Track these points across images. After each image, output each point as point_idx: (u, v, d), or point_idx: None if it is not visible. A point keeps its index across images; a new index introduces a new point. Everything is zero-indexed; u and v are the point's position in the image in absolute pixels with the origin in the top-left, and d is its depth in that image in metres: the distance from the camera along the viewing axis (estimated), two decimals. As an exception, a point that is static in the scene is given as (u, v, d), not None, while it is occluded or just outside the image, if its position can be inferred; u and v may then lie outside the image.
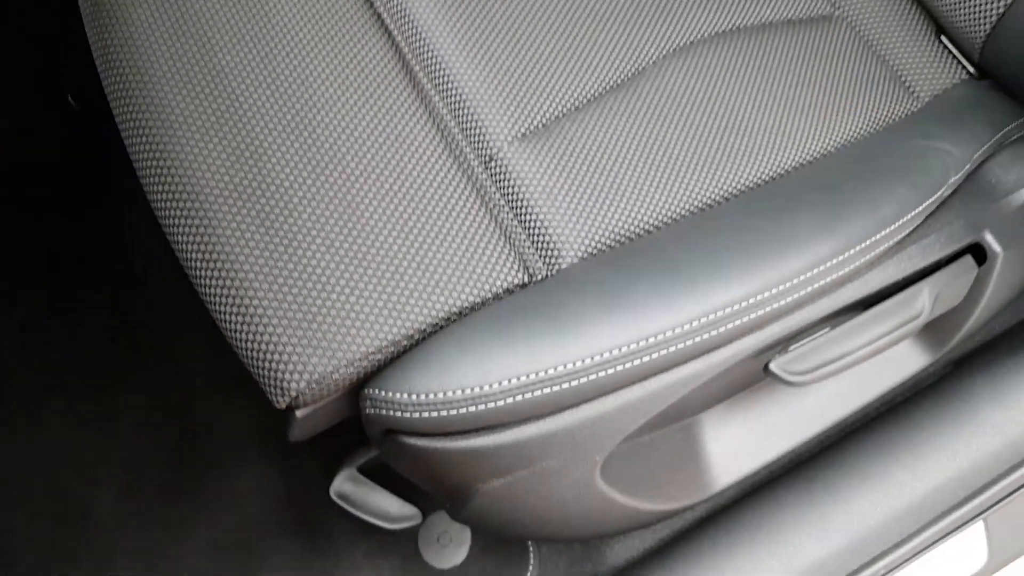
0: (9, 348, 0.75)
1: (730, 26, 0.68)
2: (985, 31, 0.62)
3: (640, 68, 0.64)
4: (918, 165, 0.55)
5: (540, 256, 0.55)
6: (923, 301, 0.54)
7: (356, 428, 0.51)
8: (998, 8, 0.60)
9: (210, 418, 0.73)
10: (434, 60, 0.60)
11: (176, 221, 0.50)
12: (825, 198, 0.52)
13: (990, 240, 0.57)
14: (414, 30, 0.61)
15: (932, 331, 0.61)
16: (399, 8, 0.62)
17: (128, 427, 0.73)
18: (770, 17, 0.70)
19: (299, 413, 0.48)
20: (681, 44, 0.65)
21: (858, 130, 0.64)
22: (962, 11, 0.63)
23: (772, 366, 0.52)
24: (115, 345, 0.76)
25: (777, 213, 0.51)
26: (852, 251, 0.50)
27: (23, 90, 0.76)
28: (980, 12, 0.61)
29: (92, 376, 0.75)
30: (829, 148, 0.63)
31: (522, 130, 0.59)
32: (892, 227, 0.51)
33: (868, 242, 0.50)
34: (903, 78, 0.68)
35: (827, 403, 0.61)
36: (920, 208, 0.53)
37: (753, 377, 0.56)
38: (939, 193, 0.55)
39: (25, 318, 0.76)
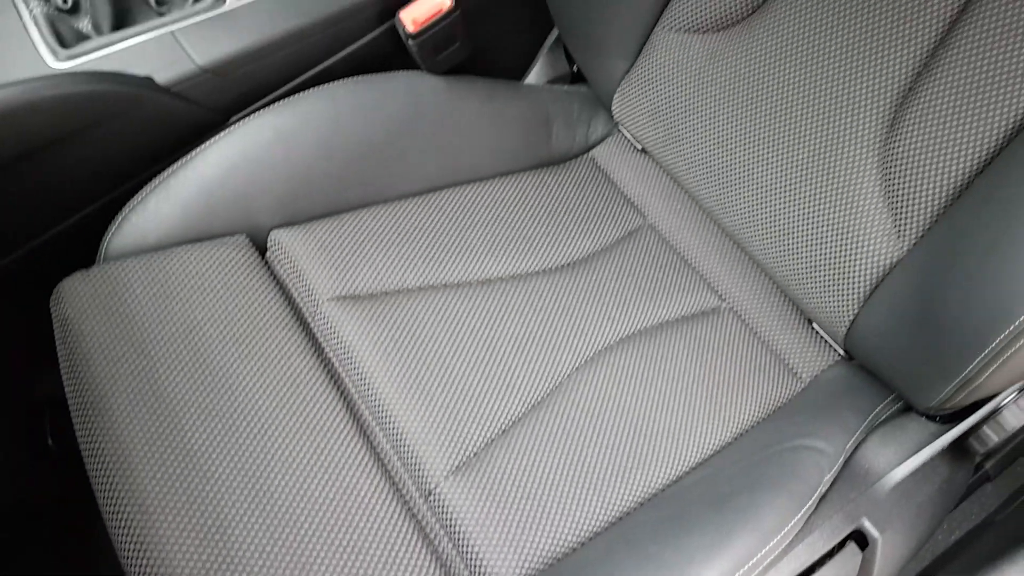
0: None
1: (631, 331, 0.79)
2: (844, 330, 0.73)
3: (556, 384, 0.74)
4: (795, 471, 0.64)
5: (479, 585, 0.62)
6: (817, 596, 0.62)
7: None
8: (849, 315, 0.72)
9: None
10: (378, 402, 0.70)
11: (153, 600, 0.56)
12: (715, 517, 0.61)
13: (868, 527, 0.66)
14: (360, 375, 0.71)
15: (835, 610, 0.68)
16: (348, 356, 0.72)
17: None
18: (665, 316, 0.81)
19: None
20: (590, 355, 0.76)
21: (750, 418, 0.74)
22: (822, 313, 0.75)
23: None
24: None
25: (676, 538, 0.59)
26: (742, 570, 0.58)
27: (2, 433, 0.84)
28: (837, 315, 0.73)
29: None
30: (726, 439, 0.73)
31: (456, 462, 0.67)
32: (776, 539, 0.60)
33: (754, 560, 0.58)
34: (786, 361, 0.79)
35: None
36: (800, 514, 0.62)
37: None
38: (816, 493, 0.64)
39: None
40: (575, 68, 0.99)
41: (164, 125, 0.77)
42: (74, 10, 0.79)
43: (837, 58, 0.70)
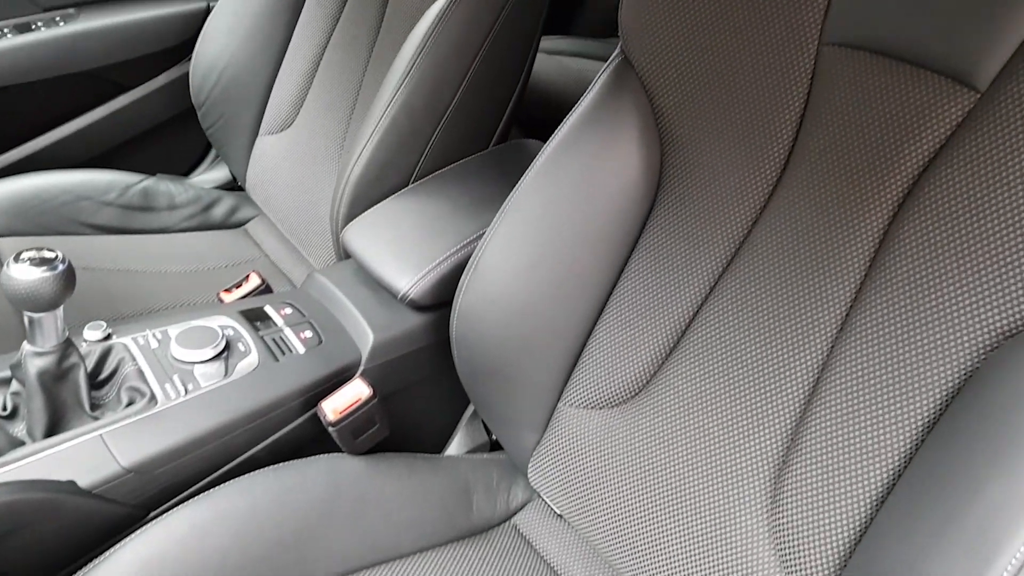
0: None
1: None
2: None
3: None
4: None
5: None
6: None
7: None
8: None
9: None
10: None
11: None
12: None
13: None
14: None
15: None
16: None
17: None
18: None
19: None
20: None
21: None
22: None
23: None
24: None
25: None
26: None
27: None
28: None
29: None
30: None
31: None
32: None
33: None
34: None
35: None
36: None
37: None
38: None
39: None
40: (494, 436, 1.05)
41: (81, 526, 0.78)
42: (12, 416, 0.84)
43: (717, 434, 0.76)
